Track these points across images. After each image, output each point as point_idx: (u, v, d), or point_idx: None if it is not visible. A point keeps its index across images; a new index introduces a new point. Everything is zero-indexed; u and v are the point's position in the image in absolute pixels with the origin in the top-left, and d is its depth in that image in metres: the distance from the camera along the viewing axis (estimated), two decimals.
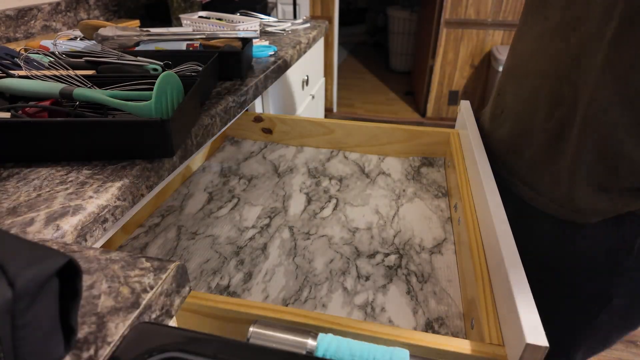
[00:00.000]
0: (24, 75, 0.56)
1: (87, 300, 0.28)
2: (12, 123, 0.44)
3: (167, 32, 0.79)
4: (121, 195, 0.43)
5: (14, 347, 0.21)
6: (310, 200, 0.70)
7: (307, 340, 0.36)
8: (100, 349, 0.25)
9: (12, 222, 0.37)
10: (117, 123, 0.45)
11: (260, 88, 0.79)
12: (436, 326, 0.47)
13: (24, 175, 0.44)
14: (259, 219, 0.66)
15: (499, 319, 0.40)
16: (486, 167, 0.59)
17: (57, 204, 0.39)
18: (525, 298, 0.36)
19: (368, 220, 0.65)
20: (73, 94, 0.50)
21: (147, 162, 0.48)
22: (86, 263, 0.31)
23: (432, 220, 0.65)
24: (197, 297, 0.42)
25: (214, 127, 0.62)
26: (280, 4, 2.43)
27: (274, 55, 0.93)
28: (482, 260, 0.48)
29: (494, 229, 0.46)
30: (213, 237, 0.62)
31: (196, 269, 0.56)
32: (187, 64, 0.68)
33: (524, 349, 0.33)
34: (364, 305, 0.50)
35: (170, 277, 0.31)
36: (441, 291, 0.52)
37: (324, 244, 0.60)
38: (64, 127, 0.45)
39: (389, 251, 0.59)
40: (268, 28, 1.17)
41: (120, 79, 0.57)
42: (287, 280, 0.54)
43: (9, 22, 0.93)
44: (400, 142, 0.82)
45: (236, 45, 0.82)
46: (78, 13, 1.11)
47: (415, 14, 3.57)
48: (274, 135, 0.89)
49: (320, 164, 0.81)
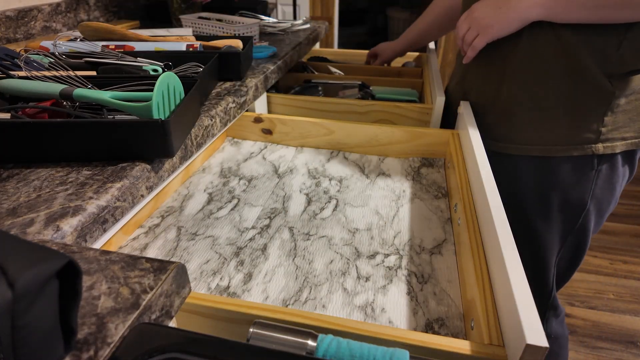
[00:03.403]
0: (24, 76, 0.56)
1: (87, 301, 0.28)
2: (12, 124, 0.44)
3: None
4: (121, 196, 0.43)
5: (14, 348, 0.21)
6: (310, 201, 0.70)
7: (307, 341, 0.36)
8: (100, 349, 0.25)
9: (12, 222, 0.37)
10: (117, 124, 0.45)
11: (260, 89, 0.79)
12: (436, 327, 0.47)
13: (24, 176, 0.44)
14: (258, 219, 0.66)
15: (499, 319, 0.40)
16: (486, 168, 0.59)
17: (57, 205, 0.39)
18: (525, 298, 0.36)
19: (368, 220, 0.65)
20: (73, 94, 0.50)
21: (147, 163, 0.48)
22: (86, 264, 0.31)
23: (432, 220, 0.65)
24: (197, 297, 0.42)
25: (214, 128, 0.62)
26: (280, 5, 2.44)
27: (273, 56, 0.93)
28: (482, 260, 0.48)
29: (494, 229, 0.46)
30: (213, 237, 0.62)
31: (196, 269, 0.56)
32: (187, 64, 0.68)
33: (524, 350, 0.33)
34: (364, 305, 0.50)
35: (170, 278, 0.31)
36: (441, 292, 0.52)
37: (324, 245, 0.60)
38: (64, 127, 0.45)
39: (389, 252, 0.59)
40: (268, 29, 1.17)
41: (121, 80, 0.57)
42: (287, 281, 0.54)
43: (9, 23, 0.93)
44: (400, 142, 0.82)
45: (236, 46, 0.82)
46: (78, 14, 1.11)
47: (415, 14, 3.57)
48: (274, 136, 0.89)
49: (320, 164, 0.81)
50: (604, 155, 0.69)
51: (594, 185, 0.71)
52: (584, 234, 0.77)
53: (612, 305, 1.52)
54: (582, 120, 0.68)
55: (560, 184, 0.72)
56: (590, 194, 0.72)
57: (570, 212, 0.74)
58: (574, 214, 0.74)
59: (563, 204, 0.73)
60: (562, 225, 0.76)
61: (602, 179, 0.71)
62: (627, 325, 1.44)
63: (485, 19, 0.67)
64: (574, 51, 0.64)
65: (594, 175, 0.70)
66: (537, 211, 0.75)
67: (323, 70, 1.23)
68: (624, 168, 0.72)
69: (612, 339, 1.39)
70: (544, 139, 0.71)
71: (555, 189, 0.73)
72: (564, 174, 0.71)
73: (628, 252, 1.76)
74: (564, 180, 0.72)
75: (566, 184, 0.72)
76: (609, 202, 0.75)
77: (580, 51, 0.63)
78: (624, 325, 1.44)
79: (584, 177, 0.71)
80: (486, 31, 0.68)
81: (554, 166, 0.72)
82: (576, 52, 0.64)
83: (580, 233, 0.77)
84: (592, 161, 0.69)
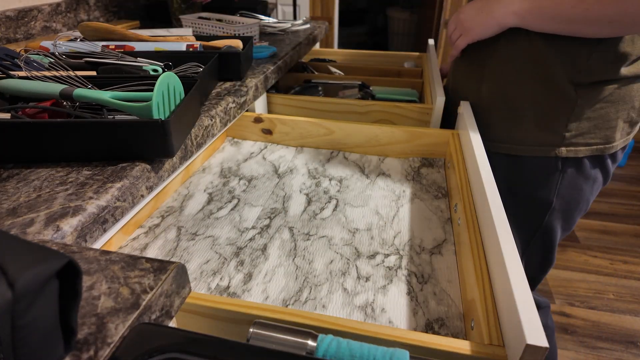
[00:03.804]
0: (24, 76, 0.56)
1: (87, 301, 0.28)
2: (12, 124, 0.44)
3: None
4: (121, 196, 0.43)
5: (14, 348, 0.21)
6: (310, 201, 0.70)
7: (307, 341, 0.36)
8: (100, 349, 0.25)
9: (12, 222, 0.37)
10: (117, 124, 0.45)
11: (260, 89, 0.79)
12: (436, 327, 0.47)
13: (24, 176, 0.44)
14: (259, 219, 0.66)
15: (499, 319, 0.40)
16: (486, 168, 0.59)
17: (57, 205, 0.39)
18: (525, 298, 0.36)
19: (368, 221, 0.65)
20: (73, 94, 0.50)
21: (147, 163, 0.48)
22: (86, 264, 0.31)
23: (432, 221, 0.65)
24: (197, 297, 0.42)
25: (214, 128, 0.62)
26: (280, 5, 2.44)
27: (273, 56, 0.93)
28: (482, 260, 0.48)
29: (494, 229, 0.46)
30: (213, 237, 0.62)
31: (196, 269, 0.56)
32: (187, 64, 0.68)
33: (524, 350, 0.33)
34: (364, 306, 0.50)
35: (170, 278, 0.31)
36: (441, 292, 0.52)
37: (324, 245, 0.60)
38: (64, 127, 0.45)
39: (389, 252, 0.59)
40: (268, 29, 1.17)
41: (121, 80, 0.57)
42: (287, 281, 0.54)
43: (9, 23, 0.93)
44: (400, 142, 0.82)
45: (236, 46, 0.82)
46: (78, 14, 1.11)
47: (415, 14, 3.57)
48: (274, 136, 0.89)
49: (320, 164, 0.81)
50: (568, 159, 0.72)
51: (559, 185, 0.74)
52: (550, 234, 0.80)
53: (612, 305, 1.52)
54: (548, 124, 0.71)
55: (527, 182, 0.76)
56: (555, 193, 0.75)
57: (536, 210, 0.77)
58: (539, 212, 0.77)
59: (529, 201, 0.77)
60: (528, 223, 0.79)
61: (567, 180, 0.74)
62: (627, 325, 1.44)
63: (468, 21, 0.72)
64: (544, 58, 0.67)
65: (558, 176, 0.73)
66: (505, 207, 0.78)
67: (323, 70, 1.23)
68: (595, 171, 0.75)
69: (612, 339, 1.39)
70: (513, 139, 0.74)
71: (523, 186, 0.76)
72: (531, 172, 0.75)
73: (628, 252, 1.76)
74: (531, 178, 0.75)
75: (532, 182, 0.75)
76: (577, 203, 0.77)
77: (551, 59, 0.67)
78: (624, 326, 1.44)
79: (549, 177, 0.74)
80: (468, 33, 0.73)
81: (522, 165, 0.75)
82: (547, 59, 0.67)
83: (547, 232, 0.79)
84: (557, 163, 0.73)
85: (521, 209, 0.77)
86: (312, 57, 1.37)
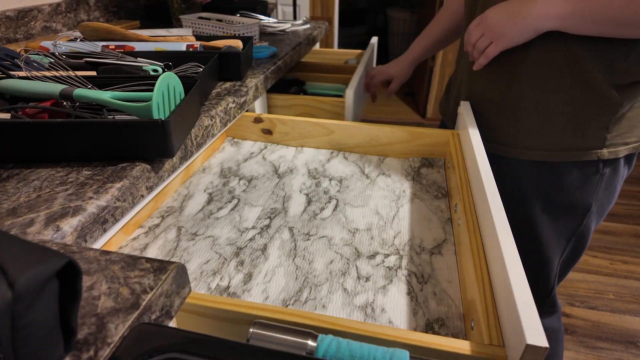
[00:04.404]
0: (24, 76, 0.56)
1: (87, 301, 0.28)
2: (12, 124, 0.44)
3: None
4: (121, 196, 0.43)
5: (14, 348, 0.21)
6: (310, 201, 0.70)
7: (307, 341, 0.36)
8: (100, 349, 0.25)
9: (12, 222, 0.37)
10: (117, 124, 0.45)
11: (260, 89, 0.79)
12: (436, 327, 0.47)
13: (24, 176, 0.44)
14: (259, 219, 0.66)
15: (499, 319, 0.40)
16: (486, 168, 0.59)
17: (57, 205, 0.39)
18: (525, 298, 0.36)
19: (368, 221, 0.65)
20: (73, 94, 0.50)
21: (147, 163, 0.48)
22: (86, 264, 0.31)
23: (432, 221, 0.65)
24: (197, 298, 0.42)
25: (214, 128, 0.62)
26: (280, 5, 2.44)
27: (273, 56, 0.93)
28: (482, 260, 0.48)
29: (494, 229, 0.46)
30: (213, 238, 0.62)
31: (196, 269, 0.56)
32: (187, 64, 0.68)
33: (524, 350, 0.33)
34: (364, 306, 0.50)
35: (170, 278, 0.31)
36: (441, 292, 0.52)
37: (324, 245, 0.60)
38: (64, 128, 0.45)
39: (389, 252, 0.59)
40: (268, 29, 1.17)
41: (121, 80, 0.57)
42: (287, 281, 0.54)
43: (9, 23, 0.93)
44: (400, 142, 0.82)
45: (236, 46, 0.82)
46: (78, 14, 1.11)
47: (415, 14, 3.57)
48: (274, 136, 0.89)
49: (320, 164, 0.81)
50: (608, 160, 0.71)
51: (598, 188, 0.73)
52: (587, 233, 0.79)
53: (612, 305, 1.52)
54: (587, 128, 0.69)
55: (565, 187, 0.74)
56: (594, 196, 0.74)
57: (574, 214, 0.76)
58: (578, 216, 0.76)
59: (568, 206, 0.75)
60: (567, 227, 0.78)
61: (605, 181, 0.73)
62: (627, 326, 1.44)
63: (500, 27, 0.67)
64: (582, 62, 0.65)
65: (598, 179, 0.73)
66: (541, 213, 0.77)
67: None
68: (624, 169, 0.75)
69: (612, 339, 1.39)
70: (545, 145, 0.73)
71: (560, 192, 0.74)
72: (569, 178, 0.73)
73: (628, 252, 1.76)
74: (569, 184, 0.73)
75: (571, 187, 0.74)
76: (609, 202, 0.78)
77: (589, 62, 0.65)
78: (624, 326, 1.44)
79: (588, 180, 0.73)
80: (500, 39, 0.68)
81: (558, 170, 0.73)
82: (583, 62, 0.65)
83: (585, 232, 0.79)
84: (598, 165, 0.72)
85: (559, 215, 0.76)
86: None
